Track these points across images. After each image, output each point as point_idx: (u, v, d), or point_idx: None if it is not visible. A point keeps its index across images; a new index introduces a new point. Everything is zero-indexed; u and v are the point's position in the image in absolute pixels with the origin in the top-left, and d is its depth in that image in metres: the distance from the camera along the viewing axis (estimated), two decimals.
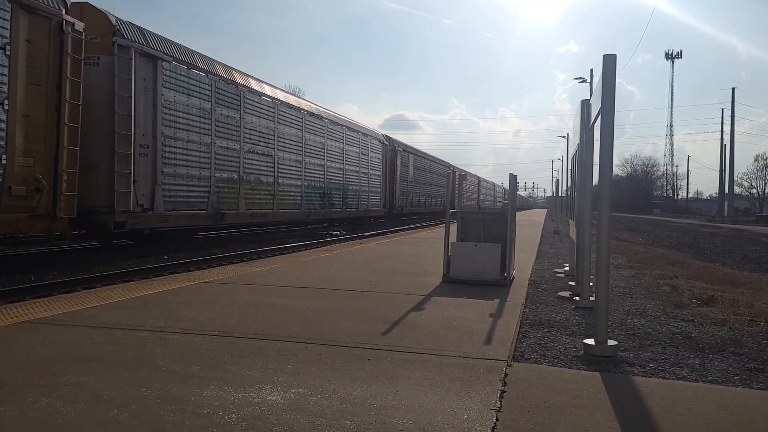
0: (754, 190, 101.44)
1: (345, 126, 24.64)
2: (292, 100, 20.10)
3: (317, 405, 3.02)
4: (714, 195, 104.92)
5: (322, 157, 21.81)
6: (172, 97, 13.34)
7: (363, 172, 26.76)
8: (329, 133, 22.61)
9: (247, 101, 16.59)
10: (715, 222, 61.90)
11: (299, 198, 19.88)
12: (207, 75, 14.77)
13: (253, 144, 16.81)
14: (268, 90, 18.13)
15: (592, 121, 5.80)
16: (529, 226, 25.64)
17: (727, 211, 76.99)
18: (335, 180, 23.21)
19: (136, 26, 12.73)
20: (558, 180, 45.02)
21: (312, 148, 20.92)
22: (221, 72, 15.55)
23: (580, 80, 49.15)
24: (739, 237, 32.49)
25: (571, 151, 8.99)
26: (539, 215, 51.17)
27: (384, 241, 15.66)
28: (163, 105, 13.01)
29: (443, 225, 8.30)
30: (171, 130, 13.33)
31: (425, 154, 42.15)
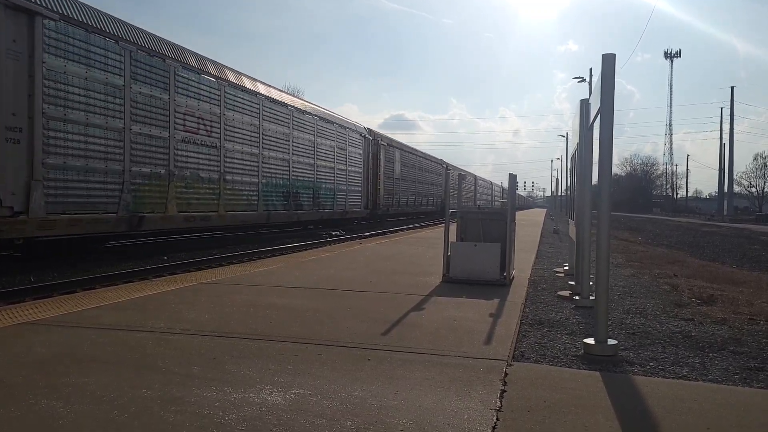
0: (754, 189, 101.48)
1: (316, 116, 21.36)
2: (246, 82, 16.84)
3: (317, 405, 3.02)
4: (713, 194, 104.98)
5: (286, 150, 18.84)
6: (60, 67, 10.32)
7: (340, 169, 23.57)
8: (296, 124, 19.56)
9: (181, 79, 13.67)
10: (714, 221, 61.93)
11: (255, 198, 16.95)
12: (118, 43, 11.72)
13: (189, 132, 13.94)
14: (211, 68, 15.12)
15: (591, 120, 5.80)
16: (529, 226, 25.65)
17: (727, 210, 76.98)
18: (304, 177, 20.18)
19: None
20: (557, 179, 45.06)
21: (272, 139, 17.97)
22: (142, 40, 12.55)
23: (579, 80, 49.25)
24: (738, 236, 32.51)
25: (571, 151, 9.00)
26: (539, 215, 51.18)
27: (383, 241, 15.66)
28: (46, 76, 9.99)
29: (441, 225, 8.31)
30: (59, 110, 10.30)
31: (414, 149, 39.87)
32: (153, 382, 3.32)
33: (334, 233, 22.17)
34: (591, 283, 6.09)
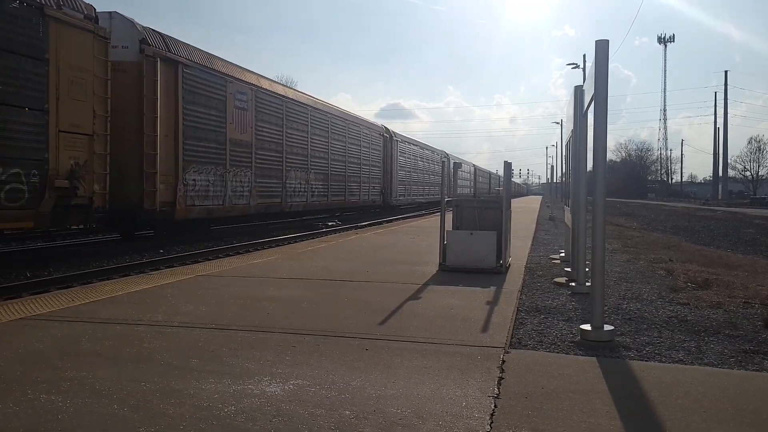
0: (748, 173, 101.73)
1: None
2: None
3: (316, 395, 3.04)
4: (708, 178, 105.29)
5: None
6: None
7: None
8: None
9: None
10: (709, 205, 62.16)
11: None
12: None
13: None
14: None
15: (585, 107, 5.80)
16: (525, 213, 25.70)
17: (722, 194, 77.28)
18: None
19: None
20: (553, 166, 45.03)
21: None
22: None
23: (573, 66, 49.19)
24: (733, 220, 32.66)
25: (565, 138, 9.00)
26: (534, 202, 51.23)
27: (379, 231, 15.67)
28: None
29: (437, 214, 8.31)
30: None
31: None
32: (152, 376, 3.33)
33: (330, 224, 22.19)
34: (587, 270, 6.11)
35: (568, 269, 7.22)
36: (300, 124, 20.71)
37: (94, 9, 11.47)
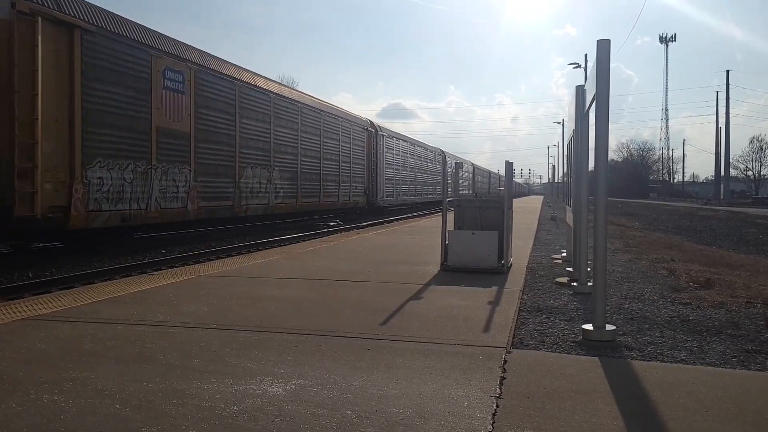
0: (750, 173, 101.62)
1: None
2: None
3: (318, 395, 3.04)
4: (710, 178, 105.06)
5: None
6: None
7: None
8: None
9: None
10: (711, 205, 62.07)
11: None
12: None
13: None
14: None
15: (586, 107, 5.80)
16: (526, 213, 25.69)
17: (723, 194, 77.17)
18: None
19: None
20: (554, 166, 44.97)
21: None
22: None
23: (575, 65, 49.17)
24: (735, 219, 32.61)
25: (567, 137, 9.00)
26: (536, 202, 51.20)
27: (381, 231, 15.67)
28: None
29: (438, 214, 8.32)
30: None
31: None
32: (154, 376, 3.33)
33: (331, 224, 22.19)
34: (589, 269, 6.11)
35: (570, 269, 7.22)
36: (260, 113, 17.58)
37: None
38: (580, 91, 6.29)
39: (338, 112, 24.88)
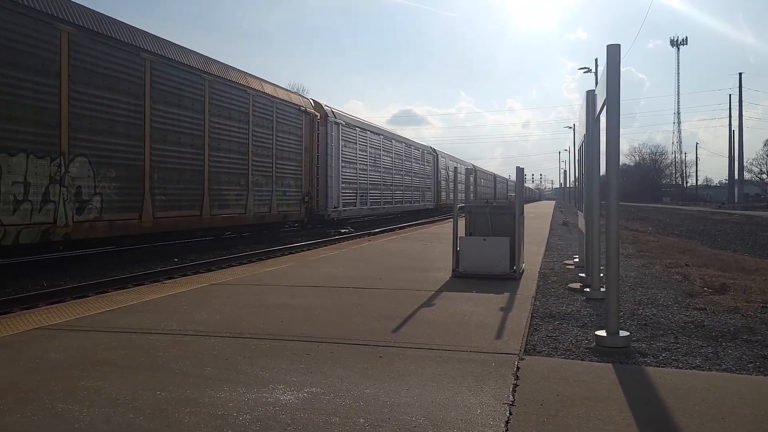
0: (764, 176, 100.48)
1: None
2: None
3: (330, 404, 3.04)
4: (723, 181, 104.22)
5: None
6: None
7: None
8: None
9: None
10: (725, 208, 61.48)
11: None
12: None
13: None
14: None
15: (597, 111, 5.77)
16: (538, 218, 25.58)
17: (737, 197, 76.43)
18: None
19: None
20: (565, 171, 44.70)
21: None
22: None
23: (585, 70, 48.99)
24: (750, 223, 32.27)
25: (578, 142, 8.96)
26: (547, 207, 50.99)
27: (392, 238, 15.66)
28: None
29: (448, 220, 8.32)
30: None
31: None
32: (167, 384, 3.34)
33: (342, 231, 22.18)
34: (601, 275, 6.07)
35: (583, 275, 7.18)
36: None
37: None
38: (590, 95, 6.27)
39: (251, 82, 16.47)
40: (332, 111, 21.96)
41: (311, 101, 20.93)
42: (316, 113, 20.46)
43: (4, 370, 3.65)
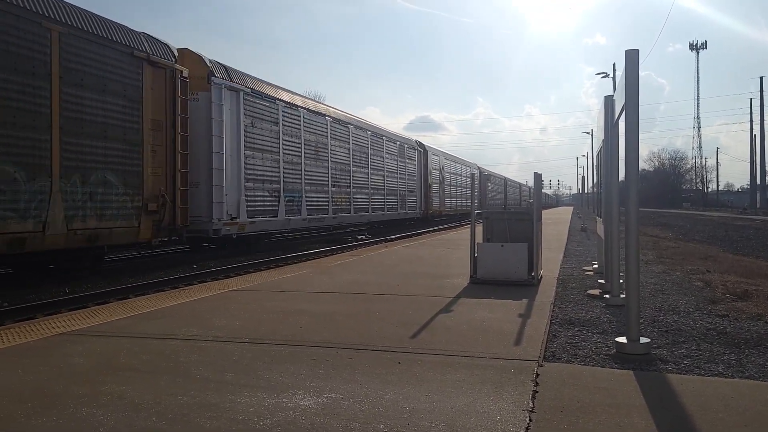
0: None
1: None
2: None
3: (350, 409, 3.05)
4: (745, 187, 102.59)
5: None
6: None
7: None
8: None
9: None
10: (747, 214, 60.54)
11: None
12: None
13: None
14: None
15: (616, 117, 5.74)
16: (556, 224, 25.41)
17: (759, 203, 75.26)
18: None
19: None
20: (584, 177, 44.28)
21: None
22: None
23: (603, 75, 48.67)
24: None
25: (596, 148, 8.91)
26: (565, 213, 50.63)
27: (409, 244, 15.66)
28: None
29: (466, 227, 8.31)
30: None
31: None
32: (188, 389, 3.38)
33: (360, 237, 22.24)
34: (621, 281, 6.01)
35: (602, 281, 7.12)
36: None
37: None
38: (609, 101, 6.24)
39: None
40: (225, 69, 14.70)
41: (172, 49, 12.85)
42: (182, 68, 12.75)
43: (28, 375, 3.71)
